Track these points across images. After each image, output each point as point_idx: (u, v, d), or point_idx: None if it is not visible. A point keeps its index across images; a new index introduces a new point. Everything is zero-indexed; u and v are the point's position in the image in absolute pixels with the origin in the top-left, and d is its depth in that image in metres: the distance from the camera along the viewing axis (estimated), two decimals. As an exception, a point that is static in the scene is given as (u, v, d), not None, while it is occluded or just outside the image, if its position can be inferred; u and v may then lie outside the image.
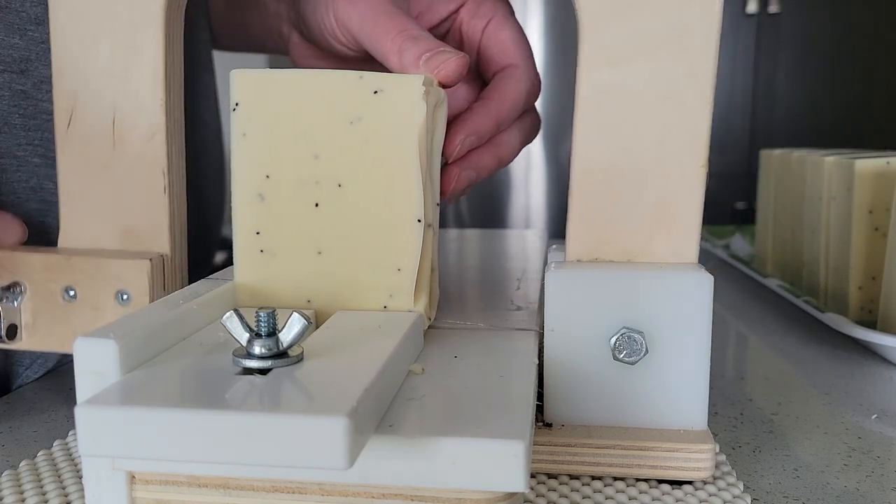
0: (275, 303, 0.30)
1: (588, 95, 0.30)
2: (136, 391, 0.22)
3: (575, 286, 0.29)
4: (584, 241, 0.30)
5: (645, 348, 0.29)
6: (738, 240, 0.83)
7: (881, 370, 0.45)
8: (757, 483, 0.30)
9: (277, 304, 0.30)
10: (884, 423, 0.37)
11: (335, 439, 0.19)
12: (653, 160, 0.30)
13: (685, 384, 0.29)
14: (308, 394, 0.22)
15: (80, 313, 0.34)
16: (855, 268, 0.53)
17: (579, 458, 0.29)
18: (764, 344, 0.51)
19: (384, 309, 0.30)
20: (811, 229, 0.60)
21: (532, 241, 0.57)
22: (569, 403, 0.30)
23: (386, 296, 0.30)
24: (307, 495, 0.24)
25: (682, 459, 0.28)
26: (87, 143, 0.35)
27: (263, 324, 0.23)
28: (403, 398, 0.25)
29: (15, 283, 0.34)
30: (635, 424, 0.29)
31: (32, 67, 0.40)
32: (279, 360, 0.23)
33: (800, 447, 0.34)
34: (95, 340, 0.23)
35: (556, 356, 0.29)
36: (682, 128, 0.29)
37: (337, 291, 0.30)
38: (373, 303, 0.30)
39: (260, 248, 0.30)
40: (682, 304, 0.28)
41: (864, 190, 0.52)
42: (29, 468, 0.30)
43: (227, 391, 0.22)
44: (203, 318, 0.28)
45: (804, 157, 0.62)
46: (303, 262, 0.30)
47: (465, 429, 0.22)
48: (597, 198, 0.30)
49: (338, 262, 0.30)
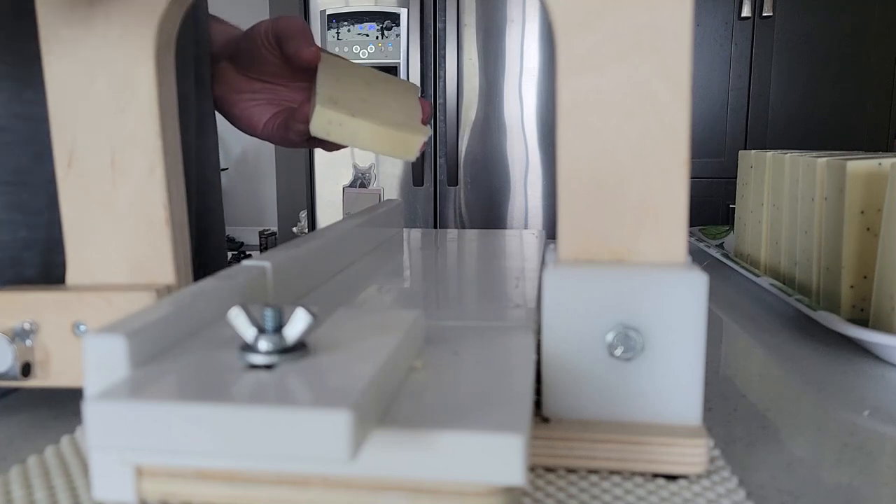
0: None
1: (567, 102, 0.30)
2: (144, 386, 0.22)
3: (572, 285, 0.29)
4: (573, 243, 0.31)
5: (641, 345, 0.29)
6: (732, 239, 0.84)
7: (873, 367, 0.45)
8: (751, 477, 0.30)
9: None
10: (875, 420, 0.37)
11: (339, 432, 0.20)
12: (634, 161, 0.30)
13: (680, 380, 0.30)
14: (312, 388, 0.22)
15: None
16: (847, 267, 0.54)
17: (576, 453, 0.29)
18: (757, 341, 0.51)
19: None
20: (804, 229, 0.61)
21: (530, 240, 0.58)
22: (566, 399, 0.30)
23: None
24: (311, 487, 0.24)
25: (677, 454, 0.29)
26: (87, 181, 0.36)
27: (269, 320, 0.24)
28: (405, 393, 0.25)
29: (27, 323, 0.34)
30: (631, 419, 0.30)
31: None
32: (284, 355, 0.24)
33: (793, 442, 0.34)
34: (105, 336, 0.24)
35: (553, 353, 0.30)
36: (662, 128, 0.30)
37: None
38: None
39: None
40: (678, 302, 0.29)
41: (856, 191, 0.53)
42: (37, 463, 0.30)
43: (234, 385, 0.22)
44: (210, 314, 0.29)
45: (797, 159, 0.63)
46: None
47: (465, 423, 0.23)
48: (582, 200, 0.31)
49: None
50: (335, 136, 0.46)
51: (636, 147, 0.30)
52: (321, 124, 0.46)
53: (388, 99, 0.52)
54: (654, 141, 0.30)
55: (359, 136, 0.46)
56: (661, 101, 0.30)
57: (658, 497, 0.28)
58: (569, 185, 0.31)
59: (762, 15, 1.94)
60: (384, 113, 0.49)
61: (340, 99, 0.48)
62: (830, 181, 0.56)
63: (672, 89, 0.29)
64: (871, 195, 0.53)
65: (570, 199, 0.31)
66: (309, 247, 0.41)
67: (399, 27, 1.96)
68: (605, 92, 0.30)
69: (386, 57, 1.93)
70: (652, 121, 0.30)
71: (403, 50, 1.95)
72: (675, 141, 0.30)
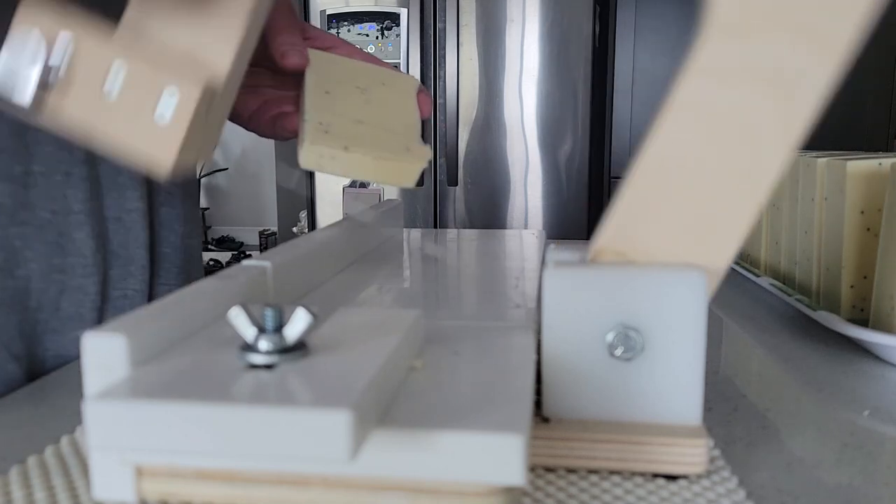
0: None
1: (683, 101, 0.29)
2: (144, 385, 0.22)
3: (572, 285, 0.29)
4: (614, 238, 0.31)
5: (641, 345, 0.29)
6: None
7: (873, 367, 0.45)
8: (751, 477, 0.30)
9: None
10: (875, 420, 0.37)
11: (339, 432, 0.20)
12: (712, 180, 0.30)
13: (680, 380, 0.30)
14: (313, 388, 0.22)
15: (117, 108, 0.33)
16: (847, 267, 0.54)
17: (576, 453, 0.29)
18: (757, 341, 0.51)
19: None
20: (804, 229, 0.61)
21: (530, 240, 0.58)
22: (566, 399, 0.30)
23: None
24: (311, 487, 0.24)
25: (677, 454, 0.29)
26: None
27: (269, 319, 0.24)
28: (405, 393, 0.25)
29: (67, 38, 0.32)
30: (631, 419, 0.30)
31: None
32: (284, 355, 0.24)
33: (793, 442, 0.34)
34: (105, 335, 0.24)
35: (553, 353, 0.30)
36: (753, 163, 0.29)
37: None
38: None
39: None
40: (678, 302, 0.29)
41: (856, 191, 0.53)
42: (37, 463, 0.30)
43: (234, 385, 0.22)
44: (210, 314, 0.29)
45: (797, 159, 0.63)
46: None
47: (465, 423, 0.23)
48: (649, 197, 0.30)
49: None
50: (329, 169, 0.44)
51: (722, 170, 0.30)
52: (313, 159, 0.43)
53: (386, 113, 0.49)
54: (739, 172, 0.29)
55: (353, 169, 0.44)
56: (766, 139, 0.29)
57: (658, 497, 0.28)
58: (643, 178, 0.30)
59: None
60: (381, 136, 0.46)
61: (333, 125, 0.45)
62: (830, 181, 0.56)
63: (782, 134, 0.29)
64: (871, 195, 0.53)
65: (637, 192, 0.30)
66: (309, 247, 0.41)
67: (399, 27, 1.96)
68: (721, 105, 0.29)
69: (386, 57, 1.93)
70: (747, 153, 0.29)
71: (403, 50, 1.95)
72: (759, 182, 0.29)
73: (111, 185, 0.52)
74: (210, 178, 3.62)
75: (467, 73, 1.98)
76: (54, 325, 0.49)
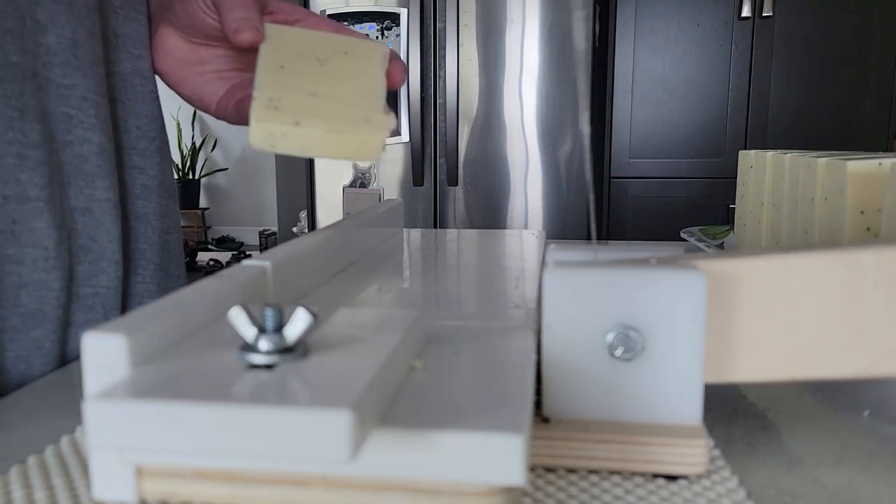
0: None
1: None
2: (144, 385, 0.22)
3: (572, 285, 0.29)
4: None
5: (641, 345, 0.29)
6: (732, 239, 0.84)
7: (873, 368, 0.45)
8: (751, 477, 0.30)
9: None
10: (875, 420, 0.37)
11: (339, 432, 0.20)
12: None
13: (680, 380, 0.30)
14: (313, 388, 0.22)
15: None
16: (847, 267, 0.54)
17: (576, 453, 0.29)
18: (758, 342, 0.51)
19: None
20: (804, 229, 0.61)
21: (530, 240, 0.58)
22: (566, 399, 0.30)
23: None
24: (311, 487, 0.24)
25: (677, 454, 0.29)
26: None
27: (269, 319, 0.24)
28: (405, 393, 0.25)
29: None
30: (631, 419, 0.30)
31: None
32: (284, 355, 0.24)
33: (793, 442, 0.34)
34: (105, 335, 0.24)
35: (553, 353, 0.30)
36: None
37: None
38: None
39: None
40: (678, 302, 0.29)
41: (856, 191, 0.53)
42: (37, 463, 0.30)
43: (234, 385, 0.22)
44: (210, 314, 0.29)
45: (797, 159, 0.63)
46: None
47: (465, 423, 0.23)
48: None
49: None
50: (282, 148, 0.41)
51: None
52: (262, 137, 0.40)
53: (346, 84, 0.45)
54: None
55: (308, 145, 0.41)
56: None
57: (658, 497, 0.28)
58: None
59: (762, 15, 1.95)
60: (338, 108, 0.43)
61: (284, 101, 0.42)
62: (830, 181, 0.56)
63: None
64: (871, 195, 0.53)
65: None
66: (309, 247, 0.41)
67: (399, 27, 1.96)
68: None
69: (386, 57, 1.93)
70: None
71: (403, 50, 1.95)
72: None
73: (76, 172, 0.48)
74: (210, 178, 3.61)
75: (467, 73, 1.98)
76: (14, 322, 0.45)
